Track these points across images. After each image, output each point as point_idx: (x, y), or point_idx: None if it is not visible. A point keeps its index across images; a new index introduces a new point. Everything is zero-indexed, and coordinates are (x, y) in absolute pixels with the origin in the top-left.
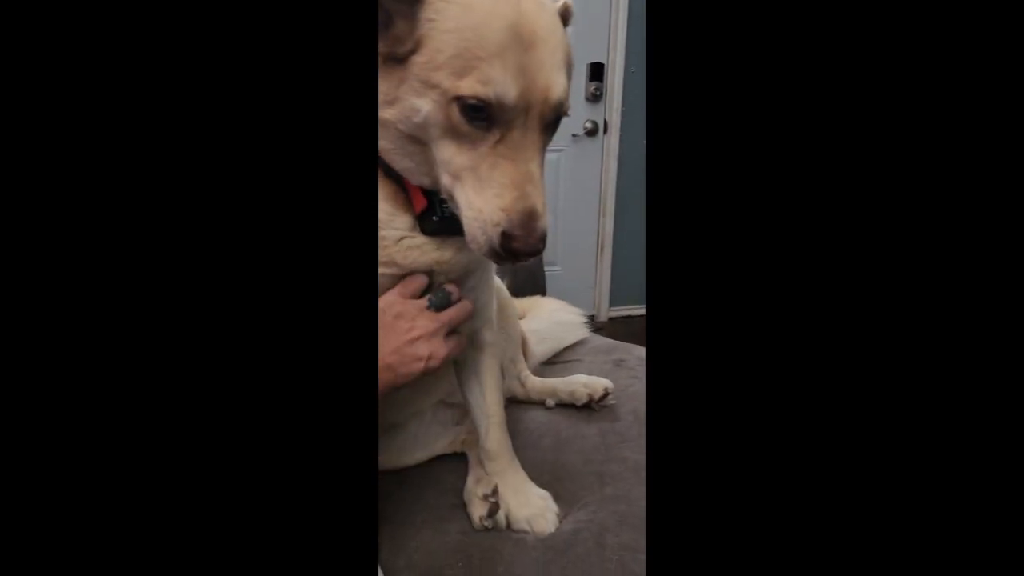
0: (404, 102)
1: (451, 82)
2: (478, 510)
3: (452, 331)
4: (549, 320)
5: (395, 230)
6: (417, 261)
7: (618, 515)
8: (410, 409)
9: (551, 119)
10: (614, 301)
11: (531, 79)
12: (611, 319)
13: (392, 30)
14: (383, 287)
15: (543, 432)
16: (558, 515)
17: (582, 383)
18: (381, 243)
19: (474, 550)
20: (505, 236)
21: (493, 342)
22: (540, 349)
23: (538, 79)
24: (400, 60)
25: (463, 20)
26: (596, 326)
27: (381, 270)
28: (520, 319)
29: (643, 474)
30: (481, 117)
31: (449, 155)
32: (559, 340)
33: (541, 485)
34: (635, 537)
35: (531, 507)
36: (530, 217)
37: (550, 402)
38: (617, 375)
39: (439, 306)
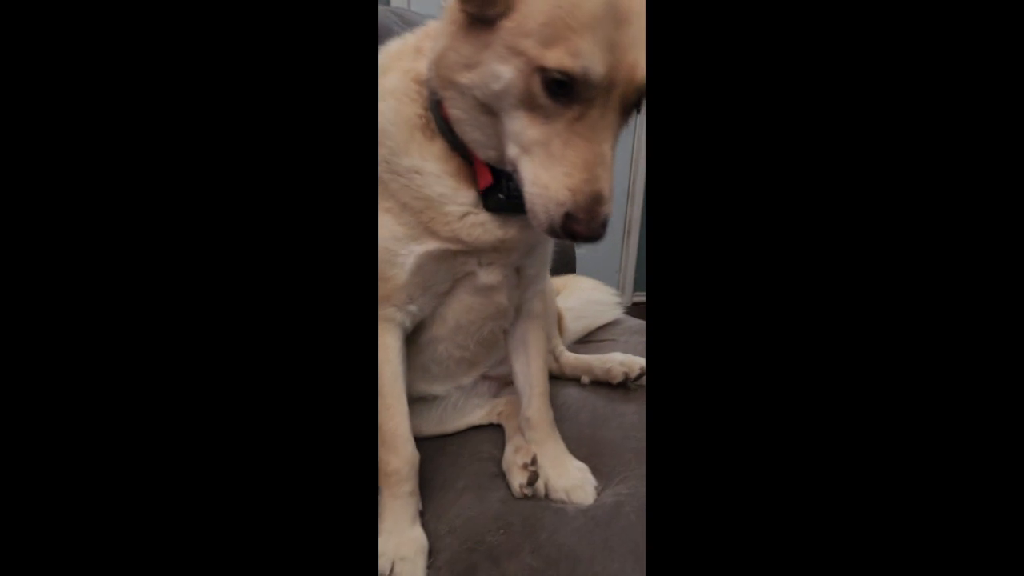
0: (485, 67)
1: (538, 51)
2: (518, 478)
3: None
4: (584, 299)
5: (459, 205)
6: (481, 239)
7: None
8: (454, 382)
9: (633, 100)
10: (639, 286)
11: (620, 56)
12: (635, 304)
13: None
14: (444, 261)
15: (580, 407)
16: (596, 488)
17: (619, 361)
18: (444, 218)
19: (515, 517)
20: (568, 217)
21: (542, 314)
22: (575, 327)
23: (627, 57)
24: (488, 22)
25: None
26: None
27: (444, 246)
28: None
29: None
30: (563, 91)
31: (521, 127)
32: (594, 319)
33: (579, 458)
34: None
35: (569, 478)
36: (596, 201)
37: (585, 379)
38: None
39: None
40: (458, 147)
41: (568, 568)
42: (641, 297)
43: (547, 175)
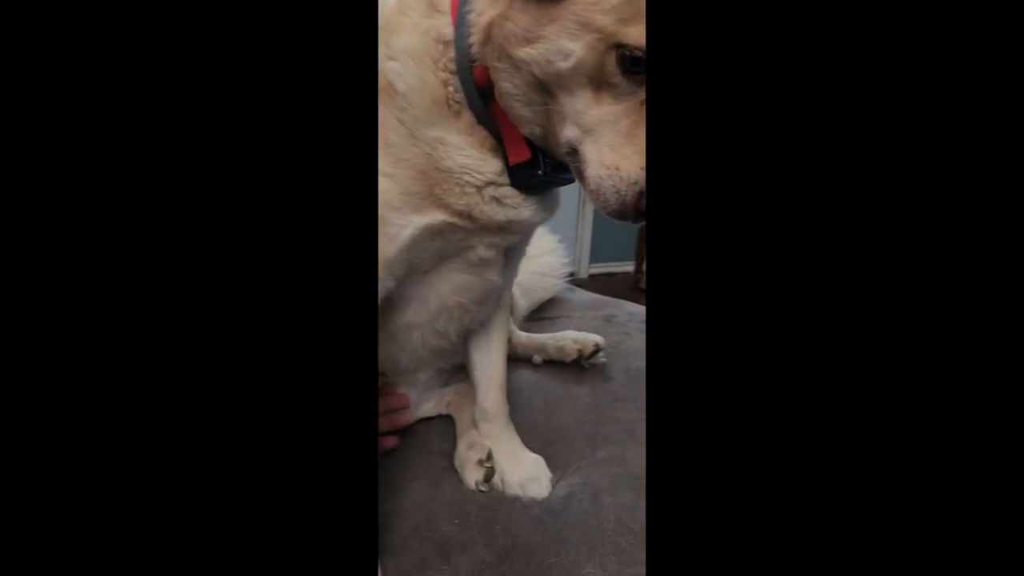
0: (550, 42)
1: (617, 27)
2: (473, 475)
3: None
4: (531, 271)
5: (481, 175)
6: (492, 217)
7: (612, 477)
8: (410, 378)
9: None
10: (595, 258)
11: None
12: (591, 276)
13: None
14: (442, 238)
15: (532, 392)
16: (551, 480)
17: (572, 339)
18: (463, 190)
19: (470, 507)
20: (643, 196)
21: (508, 303)
22: (525, 303)
23: None
24: None
25: None
26: (576, 283)
27: (450, 219)
28: None
29: (636, 434)
30: (638, 70)
31: (584, 106)
32: (543, 292)
33: (532, 449)
34: (632, 497)
35: (525, 472)
36: None
37: (537, 359)
38: (607, 331)
39: None
40: (484, 120)
41: (521, 561)
42: (597, 269)
43: (617, 155)
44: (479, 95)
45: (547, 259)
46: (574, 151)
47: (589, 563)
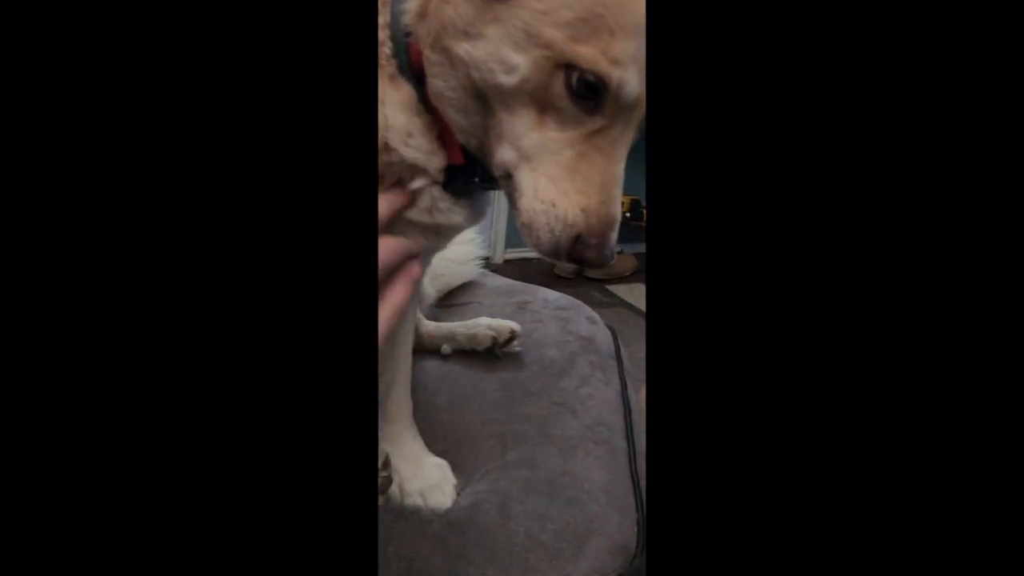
0: (492, 47)
1: (568, 44)
2: None
3: None
4: (442, 257)
5: (425, 172)
6: (425, 221)
7: (522, 481)
8: None
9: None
10: (510, 243)
11: (645, 74)
12: (507, 261)
13: None
14: (408, 226)
15: (438, 388)
16: (455, 487)
17: (486, 325)
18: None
19: None
20: (579, 241)
21: (417, 295)
22: (433, 290)
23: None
24: None
25: None
26: (491, 268)
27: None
28: None
29: (549, 432)
30: (589, 97)
31: (524, 129)
32: (453, 277)
33: (436, 452)
34: (542, 504)
35: (426, 479)
36: (609, 226)
37: (447, 349)
38: (521, 318)
39: None
40: (427, 100)
41: None
42: (513, 254)
43: (555, 190)
44: (415, 78)
45: (462, 248)
46: (509, 176)
47: None
